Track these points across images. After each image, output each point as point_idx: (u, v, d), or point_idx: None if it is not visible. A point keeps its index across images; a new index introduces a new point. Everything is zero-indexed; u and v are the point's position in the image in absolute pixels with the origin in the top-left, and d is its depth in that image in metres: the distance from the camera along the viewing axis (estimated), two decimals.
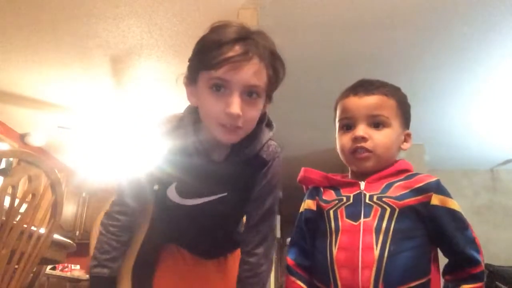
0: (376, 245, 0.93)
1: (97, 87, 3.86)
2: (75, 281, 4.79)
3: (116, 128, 4.15)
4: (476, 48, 3.14)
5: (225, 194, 1.08)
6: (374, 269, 0.91)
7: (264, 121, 1.08)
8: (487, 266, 4.08)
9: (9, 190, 1.49)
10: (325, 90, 3.93)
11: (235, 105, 0.89)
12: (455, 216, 0.98)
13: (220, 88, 0.90)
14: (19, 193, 1.53)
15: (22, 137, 4.80)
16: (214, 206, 1.08)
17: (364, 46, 3.16)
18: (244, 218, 1.15)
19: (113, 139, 4.24)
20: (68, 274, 4.81)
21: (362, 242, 0.94)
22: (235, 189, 1.07)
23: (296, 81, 3.68)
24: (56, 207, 1.66)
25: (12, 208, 1.47)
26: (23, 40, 3.19)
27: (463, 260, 0.95)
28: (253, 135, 1.02)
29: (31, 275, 1.71)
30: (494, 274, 4.05)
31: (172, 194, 1.08)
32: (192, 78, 0.97)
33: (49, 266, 4.14)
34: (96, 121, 4.25)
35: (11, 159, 3.11)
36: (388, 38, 3.06)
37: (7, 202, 1.47)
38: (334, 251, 0.96)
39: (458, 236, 0.96)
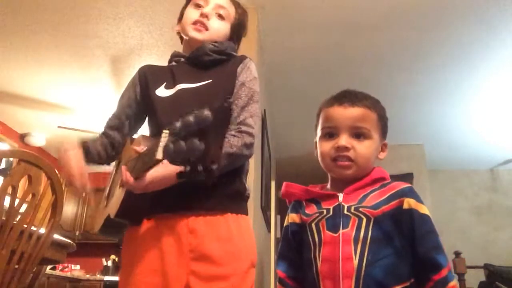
0: (355, 255, 0.96)
1: (97, 87, 3.86)
2: (75, 281, 4.79)
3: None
4: (476, 49, 3.14)
5: (210, 80, 1.15)
6: (353, 278, 0.95)
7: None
8: (487, 266, 4.08)
9: (9, 190, 1.49)
10: (325, 90, 3.92)
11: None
12: (423, 220, 1.00)
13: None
14: (19, 193, 1.53)
15: (22, 137, 4.81)
16: (197, 92, 1.13)
17: (364, 46, 3.16)
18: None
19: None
20: (68, 274, 4.80)
21: (342, 252, 0.97)
22: (218, 78, 1.16)
23: (296, 81, 3.68)
24: (56, 207, 1.66)
25: (12, 208, 1.47)
26: (23, 40, 3.19)
27: (428, 266, 0.97)
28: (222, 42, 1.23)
29: (31, 275, 1.71)
30: (494, 274, 4.05)
31: (160, 91, 1.17)
32: None
33: (49, 266, 4.14)
34: (96, 121, 4.25)
35: (11, 159, 3.11)
36: (388, 39, 3.06)
37: (7, 202, 1.47)
38: (319, 263, 1.00)
39: (425, 239, 0.99)
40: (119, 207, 0.94)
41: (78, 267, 5.28)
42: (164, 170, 0.91)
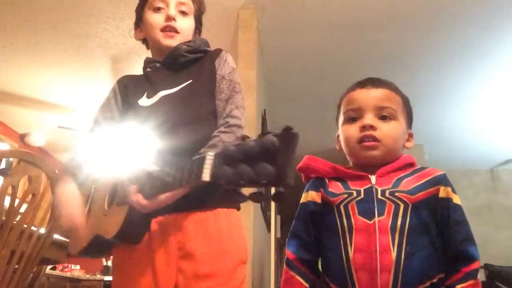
0: (393, 246, 0.90)
1: (97, 87, 3.86)
2: (75, 281, 4.79)
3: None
4: (477, 49, 3.14)
5: (191, 80, 1.12)
6: (392, 272, 0.89)
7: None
8: (487, 266, 4.08)
9: (9, 190, 1.49)
10: (326, 90, 3.93)
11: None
12: (457, 210, 0.96)
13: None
14: (19, 193, 1.53)
15: (22, 137, 4.80)
16: (180, 96, 1.11)
17: (364, 46, 3.16)
18: None
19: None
20: (68, 274, 4.80)
21: (380, 243, 0.91)
22: (198, 76, 1.13)
23: (296, 81, 3.68)
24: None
25: (12, 208, 1.47)
26: (23, 40, 3.19)
27: (460, 257, 0.93)
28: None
29: (31, 275, 1.71)
30: (494, 274, 4.05)
31: (143, 101, 1.14)
32: None
33: (49, 266, 4.13)
34: None
35: (11, 159, 3.11)
36: (388, 39, 3.06)
37: (7, 202, 1.47)
38: (350, 252, 0.93)
39: (459, 230, 0.95)
40: (121, 228, 0.89)
41: (78, 267, 5.28)
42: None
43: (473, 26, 2.89)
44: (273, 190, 0.63)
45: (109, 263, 5.51)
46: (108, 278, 5.14)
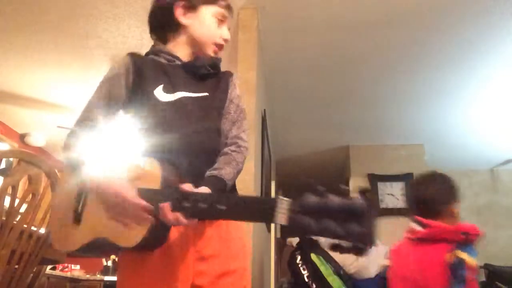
0: None
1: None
2: (75, 281, 4.79)
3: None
4: (477, 49, 3.14)
5: (207, 94, 1.16)
6: None
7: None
8: (487, 266, 4.08)
9: (9, 190, 1.49)
10: (325, 90, 3.94)
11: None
12: None
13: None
14: (19, 193, 1.53)
15: (22, 137, 4.80)
16: (197, 103, 1.13)
17: (364, 46, 3.16)
18: None
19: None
20: (68, 274, 4.80)
21: None
22: (213, 92, 1.17)
23: (296, 81, 3.68)
24: None
25: (12, 208, 1.47)
26: (23, 40, 3.19)
27: None
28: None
29: (31, 275, 1.71)
30: (494, 274, 4.06)
31: (159, 93, 1.12)
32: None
33: (49, 266, 4.13)
34: None
35: (11, 159, 3.11)
36: (388, 39, 3.06)
37: (7, 202, 1.47)
38: None
39: None
40: (143, 238, 0.89)
41: (78, 267, 5.27)
42: None
43: (473, 26, 2.89)
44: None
45: (109, 263, 5.50)
46: (108, 278, 5.14)
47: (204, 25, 1.20)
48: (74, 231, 1.04)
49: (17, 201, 1.50)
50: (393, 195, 4.71)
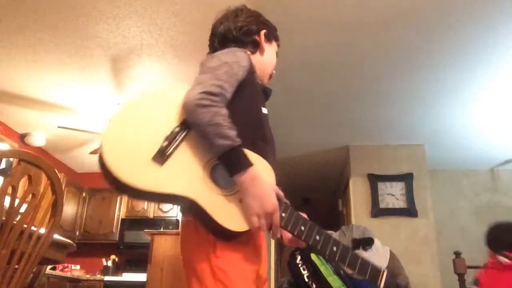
0: None
1: (97, 87, 3.86)
2: (75, 281, 4.79)
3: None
4: (477, 49, 3.14)
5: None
6: None
7: None
8: None
9: (9, 190, 1.49)
10: (325, 90, 3.93)
11: None
12: None
13: None
14: (19, 193, 1.53)
15: (22, 137, 4.81)
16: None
17: (364, 47, 3.16)
18: None
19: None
20: (68, 274, 4.81)
21: None
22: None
23: (296, 81, 3.68)
24: (56, 207, 1.66)
25: (12, 208, 1.47)
26: (23, 40, 3.19)
27: None
28: None
29: (31, 275, 1.71)
30: None
31: (260, 102, 1.25)
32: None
33: (49, 266, 4.14)
34: (96, 121, 4.25)
35: (11, 159, 3.11)
36: (388, 39, 3.06)
37: (7, 202, 1.47)
38: None
39: None
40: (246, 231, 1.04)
41: (78, 267, 5.28)
42: None
43: (474, 26, 2.89)
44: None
45: (109, 263, 5.50)
46: (108, 278, 5.14)
47: (273, 56, 1.45)
48: (152, 168, 0.93)
49: (17, 201, 1.50)
50: (393, 195, 4.71)
